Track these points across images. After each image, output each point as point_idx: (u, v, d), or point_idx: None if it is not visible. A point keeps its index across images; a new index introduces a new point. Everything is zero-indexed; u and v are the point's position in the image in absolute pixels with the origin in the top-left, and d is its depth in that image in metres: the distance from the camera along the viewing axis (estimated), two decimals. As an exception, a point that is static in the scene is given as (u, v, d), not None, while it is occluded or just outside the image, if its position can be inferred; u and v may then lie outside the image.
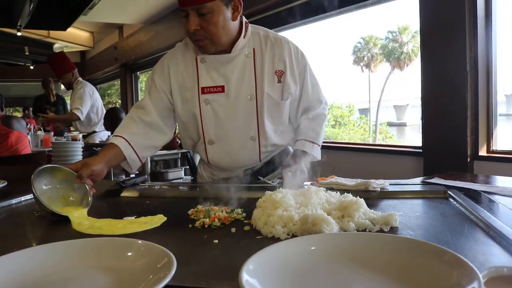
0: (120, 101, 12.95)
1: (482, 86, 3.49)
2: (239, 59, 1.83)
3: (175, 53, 1.92)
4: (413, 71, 23.64)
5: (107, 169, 1.73)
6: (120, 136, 1.81)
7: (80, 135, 4.34)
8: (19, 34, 8.84)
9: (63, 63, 5.60)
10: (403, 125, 26.94)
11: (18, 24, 8.18)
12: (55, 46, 11.54)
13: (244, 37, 1.82)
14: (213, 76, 1.84)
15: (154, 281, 0.70)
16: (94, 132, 5.66)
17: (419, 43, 3.86)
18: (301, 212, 1.12)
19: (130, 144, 1.81)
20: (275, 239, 1.04)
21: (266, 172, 1.95)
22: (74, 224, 1.25)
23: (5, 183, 1.83)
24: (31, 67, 13.00)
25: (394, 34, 24.31)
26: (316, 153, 1.95)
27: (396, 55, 23.86)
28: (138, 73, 11.06)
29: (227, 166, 1.95)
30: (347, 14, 5.37)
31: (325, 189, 1.35)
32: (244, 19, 1.85)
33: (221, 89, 1.83)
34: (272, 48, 1.85)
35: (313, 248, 0.82)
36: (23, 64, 13.01)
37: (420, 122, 3.95)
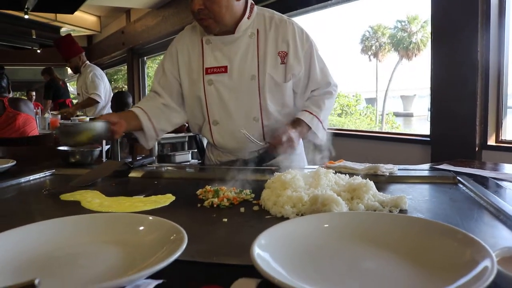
0: (126, 87, 12.96)
1: (493, 75, 3.46)
2: (243, 39, 1.84)
3: (183, 35, 1.97)
4: (422, 61, 23.47)
5: (125, 125, 1.80)
6: (137, 107, 1.95)
7: (87, 119, 4.35)
8: (26, 17, 8.85)
9: (71, 46, 5.60)
10: (409, 115, 26.86)
11: (26, 6, 8.18)
12: (62, 30, 11.53)
13: (248, 18, 1.83)
14: (217, 57, 1.86)
15: (168, 253, 0.70)
16: (101, 116, 5.66)
17: (429, 33, 3.83)
18: (310, 193, 1.12)
19: (145, 112, 1.90)
20: (284, 219, 1.04)
21: (272, 156, 1.94)
22: (83, 202, 1.26)
23: (14, 163, 1.84)
24: (38, 51, 13.02)
25: (403, 24, 24.13)
26: (316, 127, 1.87)
27: (404, 45, 23.69)
28: (145, 58, 11.05)
29: (232, 147, 1.95)
30: (355, 2, 5.32)
31: (334, 171, 1.35)
32: (250, 0, 1.85)
33: (224, 69, 1.84)
34: (276, 29, 1.85)
35: (325, 225, 0.82)
36: (30, 47, 13.03)
37: (429, 110, 3.92)
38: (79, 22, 11.49)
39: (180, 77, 1.93)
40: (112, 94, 5.75)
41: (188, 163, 4.83)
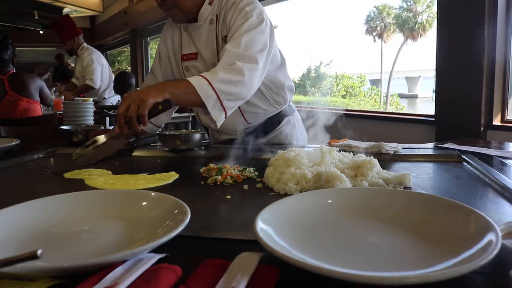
0: (130, 68, 12.91)
1: (499, 54, 3.42)
2: (204, 26, 1.83)
3: (170, 20, 2.00)
4: (427, 42, 23.23)
5: None
6: None
7: (91, 99, 4.34)
8: (28, -3, 8.77)
9: (66, 28, 5.44)
10: (414, 97, 26.73)
11: (27, -14, 8.11)
12: (65, 10, 11.41)
13: (210, 4, 1.81)
14: (190, 44, 1.89)
15: (171, 227, 0.70)
16: (104, 98, 5.66)
17: (435, 12, 3.77)
18: (314, 170, 1.12)
19: None
20: (287, 196, 1.03)
21: (261, 133, 1.97)
22: (87, 180, 1.26)
23: (18, 142, 1.84)
24: (41, 32, 12.93)
25: (408, 4, 23.80)
26: (198, 83, 1.52)
27: (410, 25, 23.41)
28: (148, 39, 10.97)
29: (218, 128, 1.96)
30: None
31: (338, 149, 1.34)
32: None
33: (195, 56, 1.87)
34: (225, 14, 1.79)
35: (329, 201, 0.82)
36: (32, 28, 12.93)
37: (434, 90, 3.89)
38: (82, 3, 11.37)
39: (170, 59, 1.99)
40: (113, 76, 5.73)
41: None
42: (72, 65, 8.65)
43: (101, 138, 1.52)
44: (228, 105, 1.58)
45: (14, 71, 3.81)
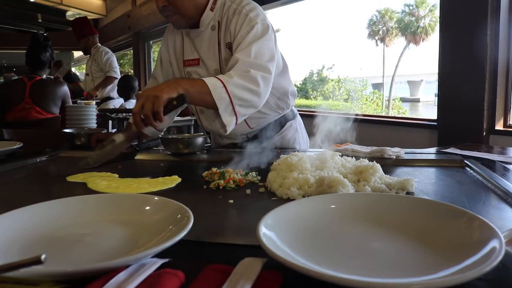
0: (132, 71, 12.93)
1: (502, 59, 3.41)
2: (206, 32, 1.82)
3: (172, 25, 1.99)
4: (429, 46, 23.25)
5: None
6: None
7: (93, 102, 4.35)
8: (31, 0, 8.81)
9: (83, 27, 5.86)
10: (416, 101, 26.74)
11: (31, -11, 8.15)
12: (68, 13, 11.46)
13: (212, 10, 1.79)
14: (192, 50, 1.88)
15: (174, 232, 0.70)
16: (109, 98, 5.72)
17: (437, 17, 3.78)
18: (316, 175, 1.12)
19: None
20: (290, 201, 1.03)
21: (263, 138, 1.97)
22: (90, 183, 1.26)
23: (21, 145, 1.84)
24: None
25: (410, 8, 23.85)
26: (213, 84, 1.51)
27: (412, 29, 23.45)
28: (151, 42, 11.00)
29: (219, 133, 1.96)
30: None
31: (340, 154, 1.34)
32: None
33: (197, 62, 1.86)
34: (228, 20, 1.78)
35: (332, 206, 0.82)
36: (36, 31, 12.96)
37: (436, 94, 3.89)
38: (85, 6, 11.40)
39: (171, 65, 1.98)
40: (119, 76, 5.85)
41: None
42: (73, 69, 8.80)
43: (119, 137, 1.53)
44: (240, 111, 1.57)
45: (44, 77, 3.59)
